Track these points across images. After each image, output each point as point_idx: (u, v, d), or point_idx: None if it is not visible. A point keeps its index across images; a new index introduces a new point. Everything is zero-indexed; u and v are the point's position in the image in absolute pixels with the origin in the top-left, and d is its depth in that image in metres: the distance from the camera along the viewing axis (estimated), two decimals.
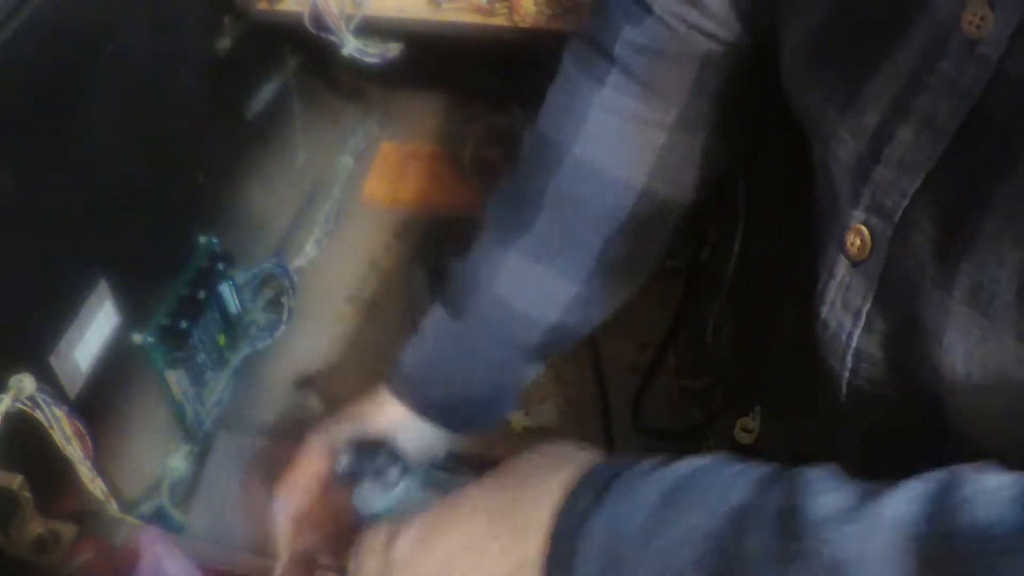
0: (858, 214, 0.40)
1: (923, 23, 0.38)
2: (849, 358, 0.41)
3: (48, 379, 0.61)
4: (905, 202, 0.37)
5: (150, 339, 0.71)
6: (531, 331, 0.57)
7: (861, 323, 0.40)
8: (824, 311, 0.42)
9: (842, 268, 0.41)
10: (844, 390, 0.42)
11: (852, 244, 0.40)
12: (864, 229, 0.39)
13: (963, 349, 0.35)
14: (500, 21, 0.81)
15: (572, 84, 0.56)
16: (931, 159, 0.37)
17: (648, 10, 0.54)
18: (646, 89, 0.54)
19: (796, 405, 0.60)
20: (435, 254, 0.84)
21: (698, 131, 0.56)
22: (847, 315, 0.41)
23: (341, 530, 0.54)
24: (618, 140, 0.55)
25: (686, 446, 0.80)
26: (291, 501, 0.58)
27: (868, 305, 0.40)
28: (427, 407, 0.60)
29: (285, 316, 0.87)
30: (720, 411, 0.79)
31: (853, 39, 0.41)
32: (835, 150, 0.41)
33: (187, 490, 0.76)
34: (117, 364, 0.70)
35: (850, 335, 0.41)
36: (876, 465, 0.38)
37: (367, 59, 0.81)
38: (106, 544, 0.64)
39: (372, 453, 0.51)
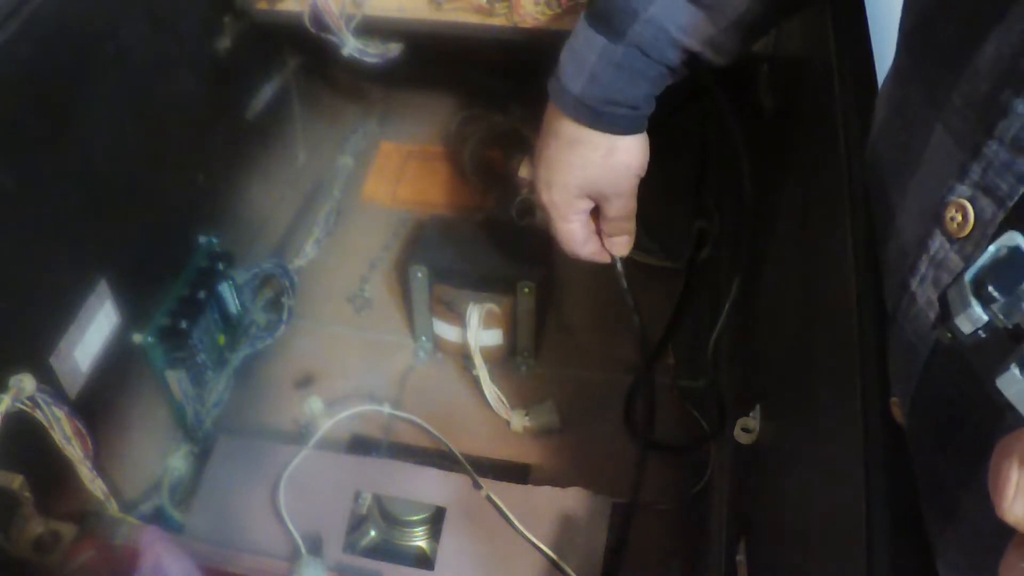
0: (963, 188, 0.36)
1: None
2: (931, 338, 0.39)
3: (48, 379, 0.61)
4: (1023, 189, 0.34)
5: (150, 339, 0.71)
6: (679, 54, 0.61)
7: None
8: (914, 283, 0.39)
9: (936, 242, 0.38)
10: (920, 371, 0.40)
11: (952, 219, 0.37)
12: (968, 206, 0.36)
13: None
14: (500, 21, 0.81)
15: None
16: None
17: None
18: None
19: (796, 405, 0.60)
20: (435, 254, 0.84)
21: None
22: (936, 293, 0.38)
23: None
24: None
25: (685, 454, 0.81)
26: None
27: None
28: (606, 118, 0.63)
29: (285, 316, 0.87)
30: (720, 413, 0.79)
31: None
32: (947, 116, 0.38)
33: (187, 490, 0.76)
34: (117, 364, 0.70)
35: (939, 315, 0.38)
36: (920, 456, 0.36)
37: (367, 59, 0.81)
38: (106, 544, 0.64)
39: None
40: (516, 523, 0.70)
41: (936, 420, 0.40)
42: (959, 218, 0.37)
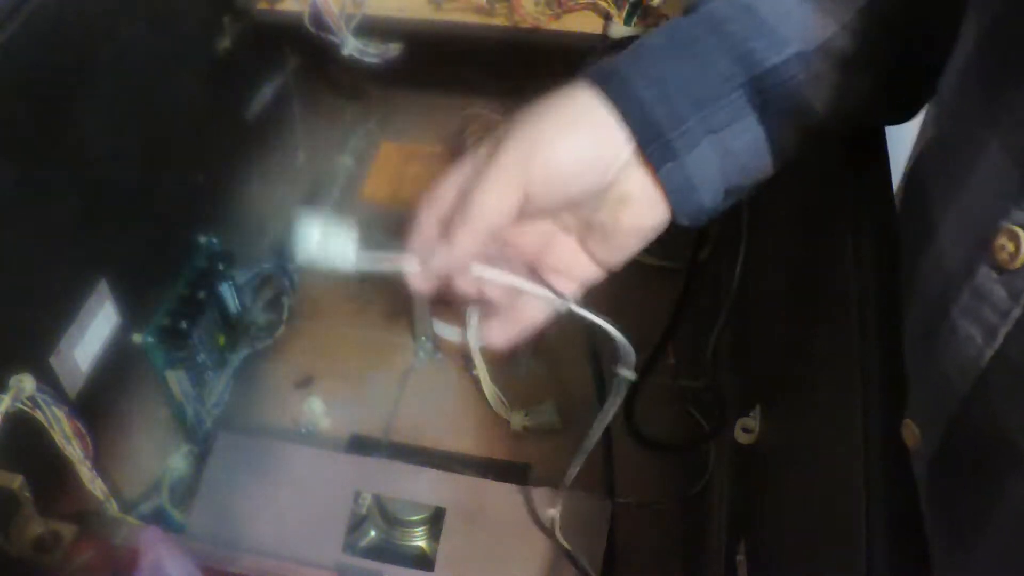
0: (1020, 215, 0.32)
1: None
2: (973, 374, 0.35)
3: (48, 379, 0.61)
4: None
5: (150, 339, 0.71)
6: (766, 51, 0.48)
7: (996, 344, 0.33)
8: (955, 312, 0.35)
9: (981, 272, 0.34)
10: (957, 405, 0.36)
11: (1002, 247, 0.33)
12: (1021, 233, 0.32)
13: None
14: (500, 21, 0.81)
15: None
16: None
17: None
18: None
19: (796, 405, 0.60)
20: None
21: None
22: (979, 329, 0.34)
23: None
24: None
25: (684, 453, 0.81)
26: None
27: (1007, 328, 0.33)
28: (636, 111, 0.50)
29: (285, 316, 0.87)
30: (720, 413, 0.79)
31: None
32: (1005, 132, 0.34)
33: (187, 490, 0.76)
34: (117, 364, 0.70)
35: (981, 352, 0.34)
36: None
37: (367, 59, 0.81)
38: (106, 544, 0.64)
39: None
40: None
41: (964, 454, 0.37)
42: (1010, 247, 0.33)
